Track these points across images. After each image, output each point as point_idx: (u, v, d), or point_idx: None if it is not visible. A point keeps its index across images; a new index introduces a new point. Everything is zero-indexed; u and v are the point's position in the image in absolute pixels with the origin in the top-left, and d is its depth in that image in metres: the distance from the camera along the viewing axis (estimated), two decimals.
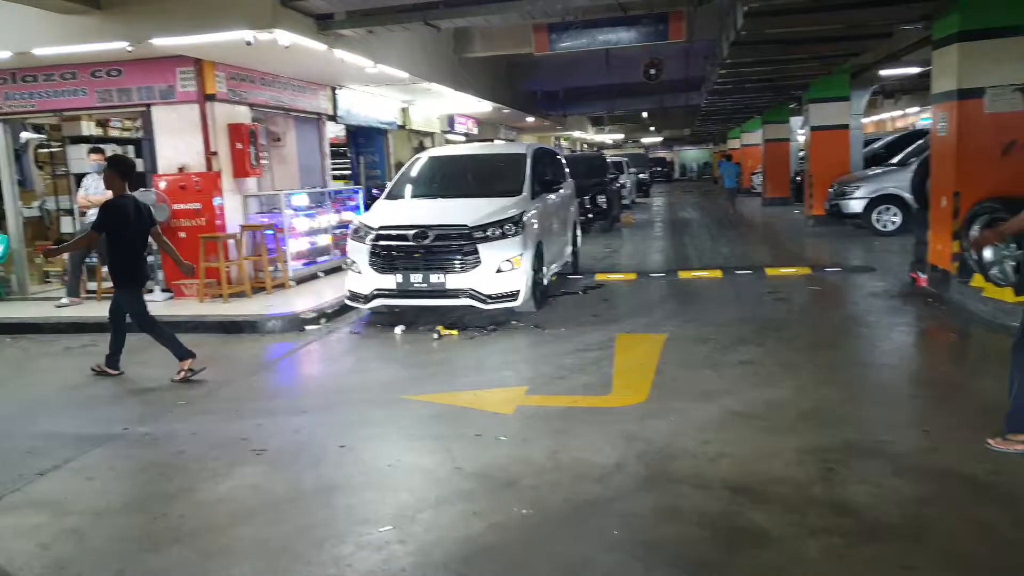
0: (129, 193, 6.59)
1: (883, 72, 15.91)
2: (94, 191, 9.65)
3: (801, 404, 5.11)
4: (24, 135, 12.17)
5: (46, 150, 12.25)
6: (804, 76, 15.70)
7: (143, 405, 5.91)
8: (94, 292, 10.00)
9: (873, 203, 14.06)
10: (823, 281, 9.88)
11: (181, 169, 9.82)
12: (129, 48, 8.65)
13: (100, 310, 9.14)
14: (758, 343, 6.76)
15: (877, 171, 14.85)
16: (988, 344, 6.68)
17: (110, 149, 10.93)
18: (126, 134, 12.69)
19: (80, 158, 10.92)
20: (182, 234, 9.69)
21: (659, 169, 48.66)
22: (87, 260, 9.95)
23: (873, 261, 11.16)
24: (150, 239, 6.90)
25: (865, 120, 19.71)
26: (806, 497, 3.70)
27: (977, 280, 7.63)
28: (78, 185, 10.15)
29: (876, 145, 17.89)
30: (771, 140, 24.09)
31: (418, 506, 3.81)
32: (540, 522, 3.59)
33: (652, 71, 15.89)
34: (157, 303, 9.50)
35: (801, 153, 22.19)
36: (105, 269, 10.18)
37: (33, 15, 8.25)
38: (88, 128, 11.75)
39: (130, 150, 11.77)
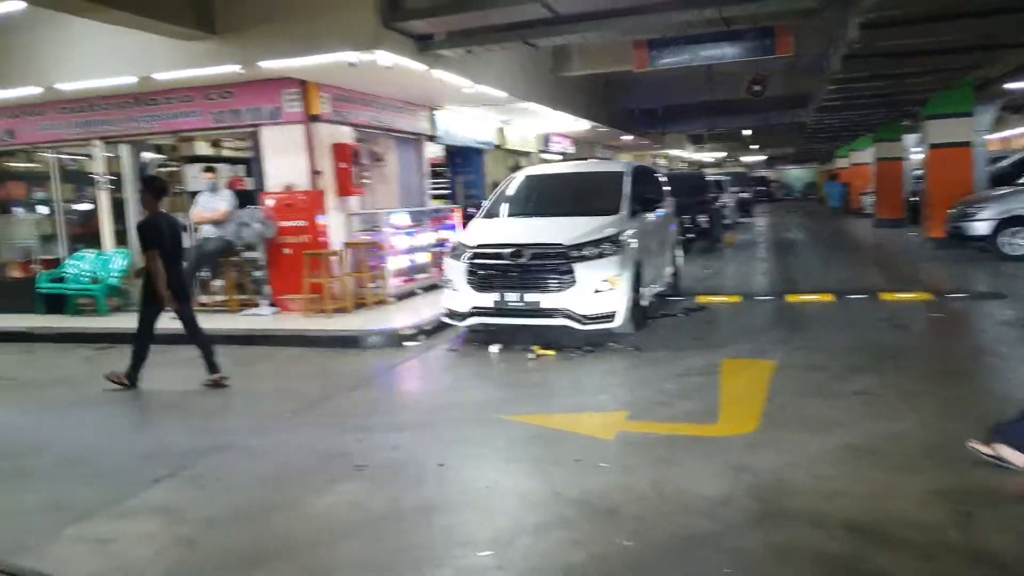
0: (163, 212, 7.00)
1: (1009, 86, 14.90)
2: (207, 208, 10.09)
3: (925, 439, 4.74)
4: (146, 155, 12.87)
5: (165, 169, 12.90)
6: (921, 91, 14.91)
7: (250, 417, 6.06)
8: (206, 304, 10.39)
9: (1002, 225, 13.15)
10: (946, 308, 9.23)
11: (287, 188, 10.15)
12: (240, 71, 9.04)
13: (212, 322, 9.50)
14: (875, 372, 6.35)
15: (1005, 191, 13.90)
16: None
17: (223, 168, 11.45)
18: (237, 154, 13.23)
19: (195, 176, 11.47)
20: (287, 251, 9.99)
21: (761, 189, 47.30)
22: (197, 274, 10.35)
23: (1002, 287, 10.33)
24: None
25: (990, 137, 18.53)
26: (937, 542, 3.40)
27: None
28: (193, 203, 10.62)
29: (1003, 163, 16.78)
30: (883, 159, 23.04)
31: (516, 531, 3.71)
32: (643, 555, 3.43)
33: (756, 87, 15.46)
34: (264, 317, 9.82)
35: (916, 172, 21.10)
36: (217, 283, 10.65)
37: (155, 42, 8.73)
38: (203, 148, 12.37)
39: (241, 169, 12.30)
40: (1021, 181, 13.79)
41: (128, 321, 10.02)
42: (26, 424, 6.29)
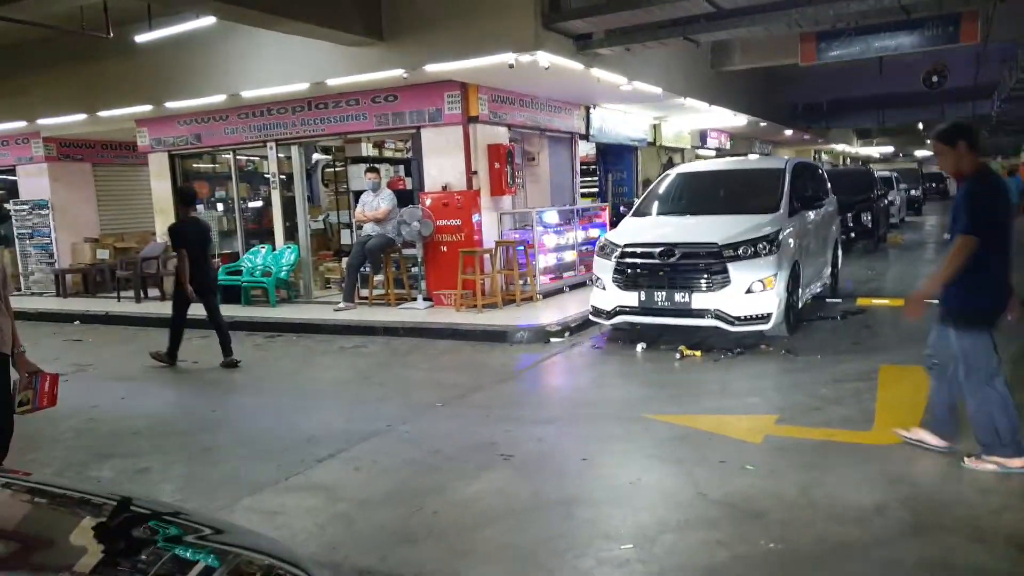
0: (191, 216, 8.13)
1: None
2: (370, 207, 10.68)
3: None
4: (315, 156, 13.80)
5: (331, 169, 13.75)
6: None
7: (404, 405, 6.38)
8: (366, 298, 11.00)
9: None
10: None
11: (445, 187, 10.55)
12: (405, 75, 9.51)
13: (369, 315, 10.12)
14: None
15: None
16: None
17: (384, 168, 12.06)
18: (397, 154, 13.90)
19: (360, 176, 12.13)
20: (443, 248, 10.40)
21: (934, 185, 44.04)
22: (362, 269, 10.96)
23: None
24: None
25: None
26: None
27: None
28: (357, 201, 11.26)
29: None
30: None
31: (659, 528, 3.75)
32: (789, 559, 3.39)
33: (935, 78, 14.42)
34: (419, 311, 10.28)
35: None
36: (378, 278, 11.26)
37: (327, 49, 9.39)
38: (366, 149, 13.08)
39: (401, 169, 12.91)
40: None
41: (294, 312, 10.85)
42: (207, 405, 6.92)
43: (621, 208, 13.09)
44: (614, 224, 10.52)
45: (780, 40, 12.06)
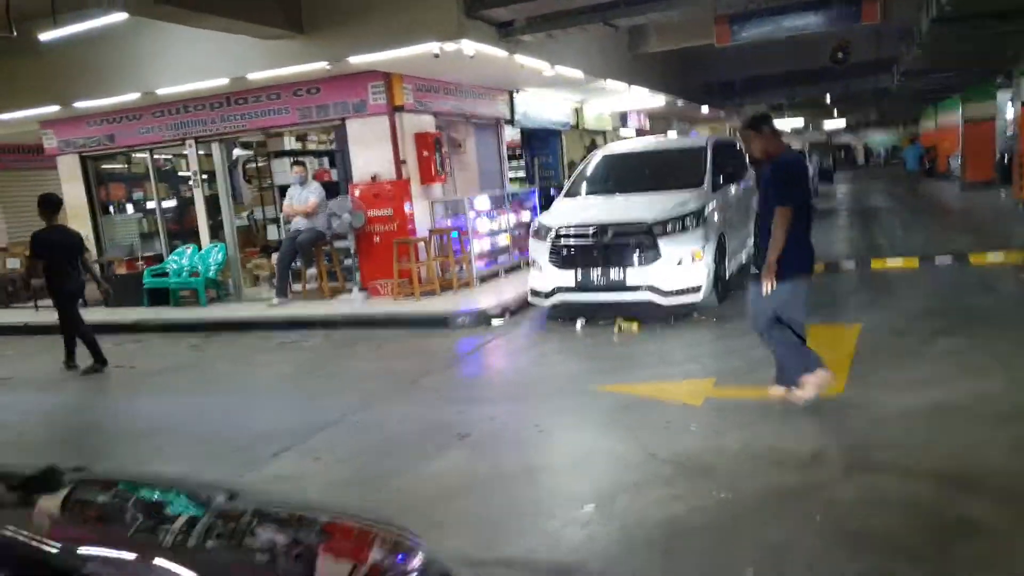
0: (56, 224, 8.19)
1: None
2: (296, 201, 10.58)
3: (1016, 397, 4.78)
4: (236, 152, 13.48)
5: (253, 165, 13.50)
6: (1017, 47, 14.29)
7: (354, 395, 6.40)
8: (300, 292, 10.94)
9: None
10: None
11: (373, 178, 10.55)
12: (328, 67, 9.45)
13: (305, 309, 10.07)
14: (964, 334, 6.34)
15: None
16: None
17: (309, 161, 11.95)
18: (322, 147, 13.75)
19: (283, 171, 11.98)
20: (377, 238, 10.42)
21: (843, 155, 45.96)
22: (293, 264, 10.87)
23: None
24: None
25: None
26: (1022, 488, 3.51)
27: None
28: (282, 196, 11.13)
29: None
30: (971, 120, 22.18)
31: (617, 488, 3.96)
32: (740, 507, 3.64)
33: (840, 54, 15.03)
34: (356, 302, 10.28)
35: (1009, 132, 20.24)
36: (310, 271, 11.19)
37: (246, 43, 9.19)
38: (289, 143, 12.91)
39: (326, 161, 12.80)
40: None
41: (226, 311, 10.71)
42: (155, 407, 6.82)
43: (552, 191, 13.30)
44: (544, 207, 10.71)
45: (695, 22, 12.44)
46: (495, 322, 8.66)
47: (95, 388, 7.61)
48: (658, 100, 18.09)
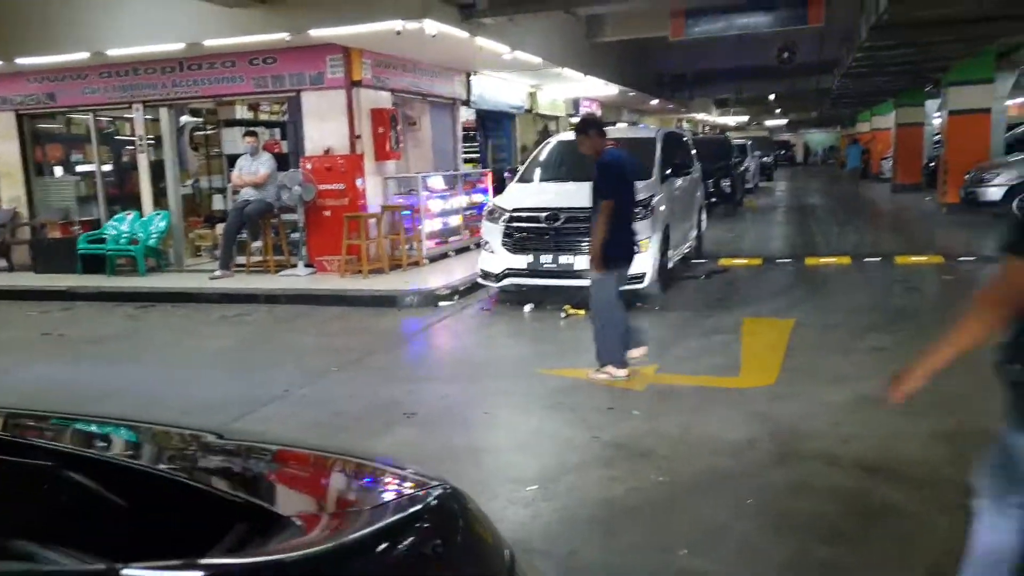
0: None
1: None
2: (246, 171, 10.45)
3: (933, 389, 5.06)
4: (183, 119, 13.17)
5: (201, 132, 13.24)
6: (945, 59, 14.96)
7: (299, 370, 6.40)
8: (243, 266, 10.78)
9: (1013, 191, 13.35)
10: (957, 271, 9.55)
11: (327, 151, 10.48)
12: (288, 39, 9.34)
13: (250, 282, 9.98)
14: (889, 331, 6.72)
15: (1019, 157, 14.08)
16: None
17: (261, 132, 11.79)
18: (274, 117, 13.55)
19: (233, 140, 11.81)
20: (327, 212, 10.35)
21: (783, 152, 47.13)
22: (238, 236, 10.71)
23: None
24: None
25: (1009, 103, 18.53)
26: (938, 477, 3.81)
27: None
28: (231, 166, 10.95)
29: (1019, 130, 16.87)
30: (903, 124, 23.04)
31: (560, 469, 4.13)
32: (677, 489, 3.84)
33: (786, 54, 15.53)
34: (300, 277, 10.22)
35: (936, 138, 21.13)
36: (256, 244, 11.05)
37: (205, 9, 8.97)
38: (241, 112, 12.69)
39: (277, 133, 12.64)
40: None
41: (166, 281, 10.51)
42: (91, 377, 6.63)
43: (505, 174, 13.39)
44: (497, 190, 10.82)
45: (652, 14, 12.67)
46: (444, 303, 8.75)
47: (19, 356, 7.38)
48: (611, 89, 18.31)
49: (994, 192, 13.57)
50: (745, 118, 44.14)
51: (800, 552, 3.24)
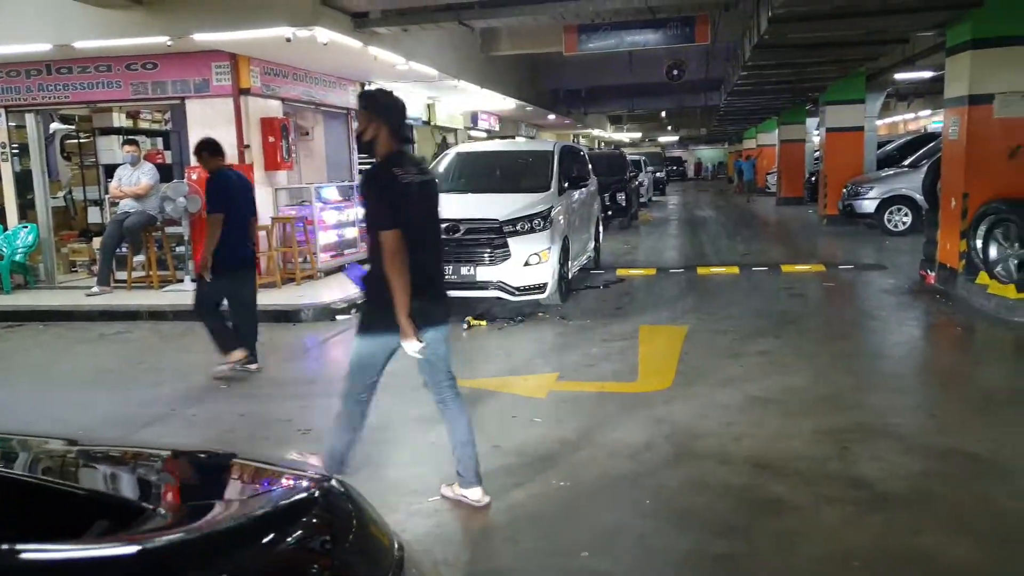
0: None
1: (898, 76, 16.08)
2: (127, 182, 9.94)
3: (817, 390, 5.38)
4: (53, 126, 12.36)
5: (74, 140, 12.49)
6: (822, 79, 15.86)
7: (186, 389, 6.13)
8: (124, 281, 10.22)
9: (885, 203, 14.31)
10: (836, 278, 10.14)
11: None
12: (169, 43, 8.93)
13: (130, 299, 9.46)
14: (775, 335, 7.01)
15: (890, 172, 15.10)
16: (991, 337, 7.07)
17: (142, 141, 11.24)
18: (155, 126, 12.96)
19: (110, 149, 11.20)
20: None
21: (675, 168, 48.79)
22: (117, 250, 10.16)
23: (884, 259, 11.42)
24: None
25: (879, 122, 19.89)
26: (823, 472, 3.99)
27: (982, 278, 7.87)
28: (108, 176, 10.37)
29: (889, 147, 18.07)
30: (787, 141, 24.25)
31: None
32: (577, 493, 3.86)
33: (675, 72, 16.11)
34: (187, 292, 9.73)
35: (816, 154, 22.36)
36: (138, 258, 10.50)
37: (74, 8, 8.36)
38: (119, 120, 12.02)
39: (160, 142, 12.08)
40: (904, 164, 14.97)
41: (36, 299, 9.82)
42: None
43: None
44: None
45: (545, 30, 12.86)
46: (340, 317, 8.54)
47: None
48: (509, 103, 18.48)
49: (868, 204, 14.48)
50: (639, 134, 45.52)
51: (696, 547, 3.31)
